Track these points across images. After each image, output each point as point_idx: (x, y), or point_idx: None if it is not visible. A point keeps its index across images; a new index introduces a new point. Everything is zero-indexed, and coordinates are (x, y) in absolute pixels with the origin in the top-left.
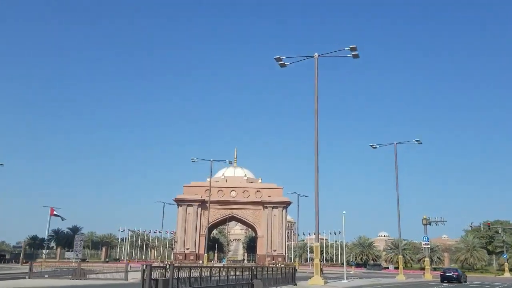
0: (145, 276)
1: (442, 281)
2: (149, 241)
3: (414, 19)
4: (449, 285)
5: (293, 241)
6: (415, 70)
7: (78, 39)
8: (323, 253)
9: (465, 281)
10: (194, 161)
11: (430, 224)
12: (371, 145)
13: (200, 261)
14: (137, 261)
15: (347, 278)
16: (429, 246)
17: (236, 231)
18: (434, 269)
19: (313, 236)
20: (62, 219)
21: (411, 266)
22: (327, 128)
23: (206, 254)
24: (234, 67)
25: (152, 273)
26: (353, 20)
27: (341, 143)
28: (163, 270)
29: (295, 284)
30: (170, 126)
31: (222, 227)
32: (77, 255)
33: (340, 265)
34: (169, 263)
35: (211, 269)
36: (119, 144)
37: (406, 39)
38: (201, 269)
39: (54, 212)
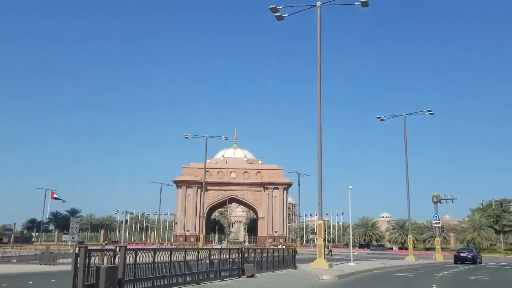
0: (78, 263)
1: (455, 262)
2: (149, 223)
3: None
4: (465, 267)
5: (294, 222)
6: (428, 32)
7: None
8: (325, 234)
9: (480, 262)
10: (187, 138)
11: (440, 202)
12: (378, 117)
13: (199, 243)
14: (136, 243)
15: (353, 260)
16: (440, 225)
17: (237, 213)
18: (441, 249)
19: (315, 218)
20: (63, 201)
21: (415, 247)
22: (330, 97)
23: (201, 236)
24: (231, 40)
25: (94, 258)
26: None
27: (344, 115)
28: (111, 255)
29: (296, 268)
30: (170, 107)
31: (223, 209)
32: (73, 237)
33: (343, 246)
34: (159, 244)
35: (185, 252)
36: (119, 125)
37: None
38: (185, 252)
39: (54, 195)
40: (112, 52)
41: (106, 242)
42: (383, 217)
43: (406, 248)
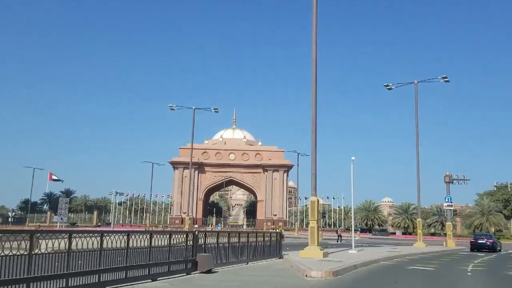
0: None
1: (472, 249)
2: (144, 205)
3: None
4: (487, 256)
5: (295, 206)
6: None
7: None
8: (325, 218)
9: (500, 250)
10: (173, 109)
11: (452, 183)
12: (386, 85)
13: (196, 225)
14: (130, 225)
15: (354, 247)
16: (452, 209)
17: (238, 196)
18: (445, 234)
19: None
20: (61, 181)
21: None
22: (331, 77)
23: (187, 218)
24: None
25: None
26: None
27: (345, 87)
28: None
29: (281, 257)
30: (167, 88)
31: (223, 192)
32: (61, 218)
33: (344, 230)
34: (149, 227)
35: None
36: (115, 104)
37: None
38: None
39: (53, 177)
40: (101, 19)
41: (99, 224)
42: (385, 202)
43: (410, 233)
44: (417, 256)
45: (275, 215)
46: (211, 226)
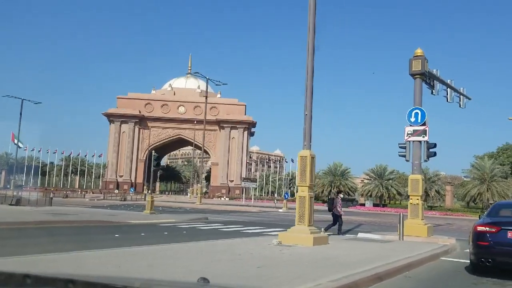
0: None
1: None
2: (78, 167)
3: None
4: None
5: (279, 175)
6: None
7: None
8: (289, 187)
9: None
10: None
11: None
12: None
13: (129, 191)
14: (46, 189)
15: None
16: (426, 138)
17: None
18: (430, 207)
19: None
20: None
21: (398, 203)
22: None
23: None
24: None
25: None
26: None
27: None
28: None
29: None
30: (111, 29)
31: (176, 152)
32: None
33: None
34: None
35: None
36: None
37: None
38: None
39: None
40: None
41: (8, 186)
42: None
43: (384, 205)
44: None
45: (232, 180)
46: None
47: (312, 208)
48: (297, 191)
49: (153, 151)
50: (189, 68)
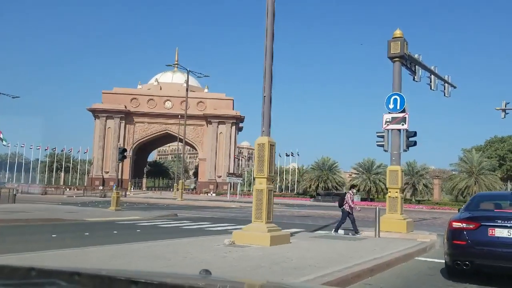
0: None
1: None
2: (63, 163)
3: None
4: None
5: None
6: None
7: None
8: (278, 182)
9: None
10: None
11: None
12: None
13: (112, 187)
14: (30, 186)
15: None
16: (405, 127)
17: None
18: (418, 201)
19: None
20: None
21: (382, 197)
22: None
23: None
24: None
25: None
26: None
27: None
28: None
29: None
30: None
31: (166, 148)
32: None
33: (294, 196)
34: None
35: None
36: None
37: None
38: None
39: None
40: None
41: None
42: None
43: (372, 199)
44: None
45: (219, 176)
46: (156, 191)
47: (271, 203)
48: (254, 184)
49: (134, 145)
50: (176, 62)
